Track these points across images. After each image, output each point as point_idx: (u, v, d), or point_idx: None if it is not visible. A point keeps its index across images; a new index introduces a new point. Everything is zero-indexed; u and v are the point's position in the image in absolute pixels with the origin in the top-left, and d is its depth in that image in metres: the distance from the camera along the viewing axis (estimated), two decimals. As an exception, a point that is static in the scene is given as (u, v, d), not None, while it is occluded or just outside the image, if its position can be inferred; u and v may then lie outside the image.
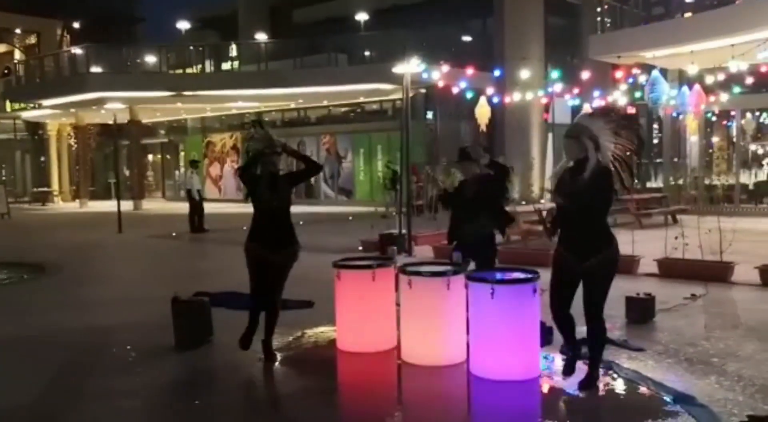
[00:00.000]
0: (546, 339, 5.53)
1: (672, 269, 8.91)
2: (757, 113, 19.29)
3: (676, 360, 5.31)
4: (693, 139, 19.12)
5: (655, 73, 14.38)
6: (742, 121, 19.25)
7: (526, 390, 4.80)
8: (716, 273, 8.54)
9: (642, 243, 9.82)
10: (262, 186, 5.42)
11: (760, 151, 20.33)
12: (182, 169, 30.92)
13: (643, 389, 4.73)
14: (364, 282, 5.55)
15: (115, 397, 4.76)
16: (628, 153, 4.48)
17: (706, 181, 19.83)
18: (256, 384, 5.14)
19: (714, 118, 20.16)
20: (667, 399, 4.48)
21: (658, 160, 20.56)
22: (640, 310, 6.55)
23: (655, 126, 20.91)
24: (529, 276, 4.89)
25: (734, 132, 19.58)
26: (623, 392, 4.79)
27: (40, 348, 6.15)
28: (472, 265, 5.70)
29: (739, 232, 8.83)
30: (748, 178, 19.78)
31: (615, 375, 5.00)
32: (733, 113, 19.09)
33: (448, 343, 5.25)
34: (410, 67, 11.84)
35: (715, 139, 20.67)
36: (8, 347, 6.21)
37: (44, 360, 5.75)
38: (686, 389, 4.61)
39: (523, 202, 16.85)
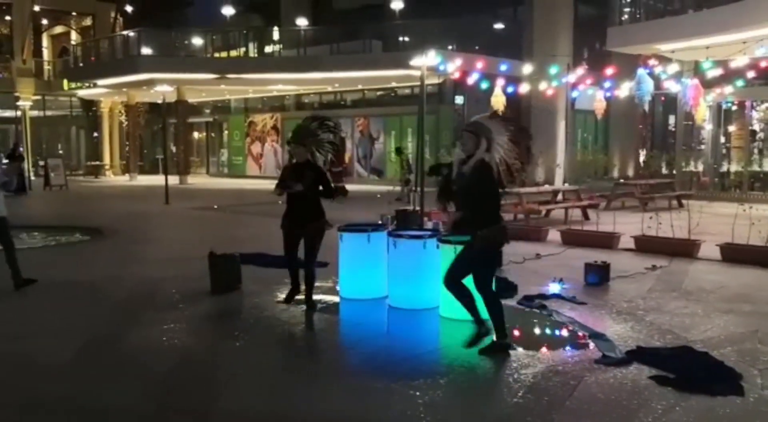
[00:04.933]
0: (509, 293, 6.93)
1: (646, 245, 10.08)
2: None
3: (607, 312, 6.59)
4: (708, 127, 19.94)
5: (641, 71, 15.32)
6: (757, 111, 19.98)
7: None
8: (684, 249, 9.68)
9: (636, 225, 10.88)
10: (288, 174, 6.73)
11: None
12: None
13: (569, 328, 6.02)
14: (360, 243, 6.96)
15: (164, 324, 6.24)
16: (515, 160, 5.08)
17: (723, 169, 20.66)
18: (272, 318, 6.50)
19: (734, 108, 20.88)
20: (584, 335, 5.78)
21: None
22: (596, 275, 7.80)
23: (671, 116, 21.72)
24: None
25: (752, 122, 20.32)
26: (551, 329, 6.16)
27: (105, 290, 7.69)
28: None
29: (731, 217, 9.62)
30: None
31: (552, 319, 6.35)
32: (747, 103, 19.84)
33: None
34: (427, 59, 13.04)
35: (732, 128, 21.39)
36: (80, 288, 7.78)
37: (109, 298, 7.30)
38: (602, 329, 5.88)
39: (546, 185, 18.15)
